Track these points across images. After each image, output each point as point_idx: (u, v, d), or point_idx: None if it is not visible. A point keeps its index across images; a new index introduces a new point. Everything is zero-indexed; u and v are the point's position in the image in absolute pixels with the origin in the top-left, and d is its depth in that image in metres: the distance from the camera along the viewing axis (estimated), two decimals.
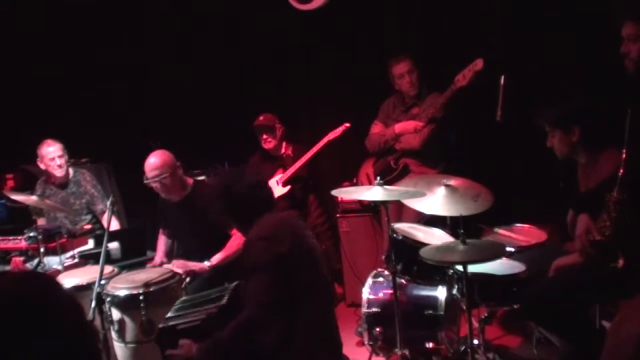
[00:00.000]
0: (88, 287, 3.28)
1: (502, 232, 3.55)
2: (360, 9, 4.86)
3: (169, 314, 2.83)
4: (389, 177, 4.24)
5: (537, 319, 3.14)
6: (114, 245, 3.91)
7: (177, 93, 5.41)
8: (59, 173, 4.57)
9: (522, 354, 3.61)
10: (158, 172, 3.61)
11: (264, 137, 4.80)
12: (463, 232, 2.78)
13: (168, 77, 5.41)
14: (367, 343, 3.49)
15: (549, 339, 3.36)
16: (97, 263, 3.48)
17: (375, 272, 3.68)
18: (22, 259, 4.07)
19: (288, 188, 4.72)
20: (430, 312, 3.35)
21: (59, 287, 1.33)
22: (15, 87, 5.46)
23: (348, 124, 4.61)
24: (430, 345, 3.38)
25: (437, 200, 3.33)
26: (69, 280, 3.41)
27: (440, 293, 3.38)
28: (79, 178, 4.70)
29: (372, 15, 4.87)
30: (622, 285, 2.57)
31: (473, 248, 2.77)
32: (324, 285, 2.75)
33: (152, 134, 4.69)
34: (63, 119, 5.30)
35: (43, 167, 4.59)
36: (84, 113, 5.52)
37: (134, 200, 4.96)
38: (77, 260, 3.94)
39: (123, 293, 3.19)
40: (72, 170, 4.70)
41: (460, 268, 2.91)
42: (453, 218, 3.40)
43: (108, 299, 3.17)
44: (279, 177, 4.75)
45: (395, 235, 3.33)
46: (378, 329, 3.43)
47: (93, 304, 2.98)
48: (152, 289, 3.19)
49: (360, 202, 4.51)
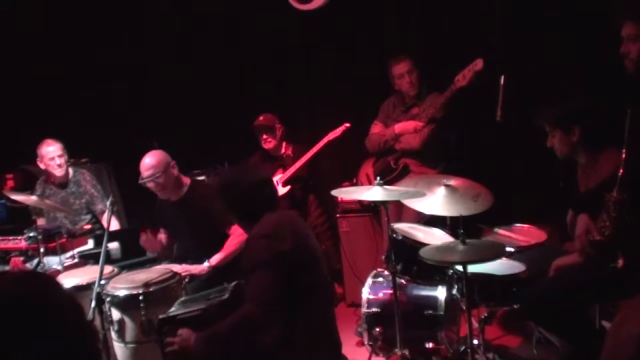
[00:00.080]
0: (88, 287, 3.28)
1: (502, 232, 3.55)
2: (360, 9, 4.86)
3: (170, 310, 2.83)
4: (389, 177, 4.24)
5: (537, 319, 3.14)
6: (114, 245, 3.92)
7: (177, 93, 5.41)
8: (59, 173, 4.57)
9: (522, 354, 3.61)
10: (152, 172, 3.62)
11: (264, 137, 4.80)
12: (463, 232, 2.79)
13: (168, 77, 5.41)
14: (366, 343, 3.49)
15: (549, 339, 3.36)
16: (97, 263, 3.47)
17: (375, 272, 3.68)
18: (22, 259, 4.06)
19: (288, 188, 4.72)
20: (430, 312, 3.35)
21: (59, 287, 1.33)
22: (15, 87, 5.46)
23: (348, 124, 4.61)
24: (430, 346, 3.38)
25: (437, 201, 3.33)
26: (69, 280, 3.41)
27: (440, 293, 3.38)
28: (79, 178, 4.69)
29: (372, 15, 4.87)
30: (622, 285, 2.57)
31: (473, 248, 2.77)
32: (324, 285, 2.75)
33: (147, 134, 4.68)
34: (63, 119, 5.30)
35: (43, 166, 4.58)
36: (84, 113, 5.52)
37: (134, 200, 4.96)
38: (77, 260, 3.94)
39: (123, 293, 3.19)
40: (72, 170, 4.70)
41: (460, 268, 2.91)
42: (453, 218, 3.40)
43: (108, 299, 3.17)
44: (279, 177, 4.75)
45: (395, 236, 3.33)
46: (378, 329, 3.43)
47: (93, 304, 2.99)
48: (151, 289, 3.19)
49: (360, 202, 4.50)
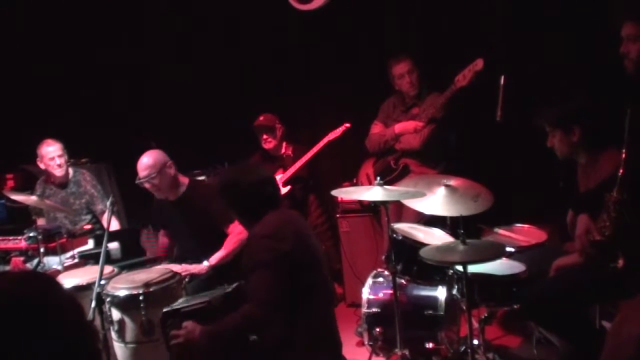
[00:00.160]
0: (88, 287, 3.28)
1: (502, 232, 3.55)
2: (360, 9, 4.86)
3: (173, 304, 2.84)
4: (389, 177, 4.24)
5: (537, 319, 3.14)
6: (114, 245, 3.92)
7: (177, 93, 5.40)
8: (59, 173, 4.56)
9: (522, 354, 3.61)
10: (147, 172, 3.62)
11: (264, 137, 4.80)
12: (463, 232, 2.78)
13: (168, 77, 5.40)
14: (367, 343, 3.49)
15: (549, 339, 3.36)
16: (97, 263, 3.47)
17: (375, 272, 3.68)
18: (22, 259, 4.06)
19: (288, 188, 4.72)
20: (430, 312, 3.35)
21: (59, 287, 1.32)
22: (15, 87, 5.46)
23: (348, 124, 4.61)
24: (430, 346, 3.38)
25: (437, 201, 3.33)
26: (69, 280, 3.41)
27: (440, 293, 3.38)
28: (79, 178, 4.69)
29: (372, 15, 4.87)
30: (622, 286, 2.57)
31: (473, 248, 2.77)
32: (325, 286, 2.75)
33: (146, 134, 4.68)
34: (63, 119, 5.30)
35: (43, 167, 4.58)
36: (84, 113, 5.52)
37: (134, 200, 4.96)
38: (77, 261, 3.93)
39: (123, 293, 3.19)
40: (72, 170, 4.70)
41: (460, 268, 2.91)
42: (453, 218, 3.40)
43: (108, 299, 3.17)
44: (279, 177, 4.74)
45: (395, 236, 3.33)
46: (378, 329, 3.43)
47: (93, 304, 2.99)
48: (152, 289, 3.19)
49: (360, 202, 4.50)
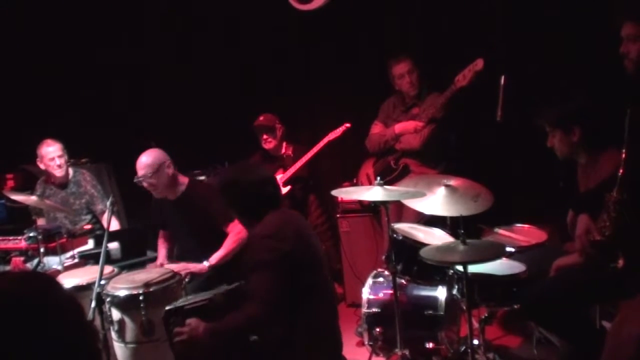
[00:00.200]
0: (88, 287, 3.28)
1: (502, 232, 3.55)
2: (360, 9, 4.86)
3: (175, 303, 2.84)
4: (389, 177, 4.24)
5: (537, 319, 3.14)
6: (114, 246, 3.91)
7: (177, 93, 5.40)
8: (59, 173, 4.56)
9: (522, 354, 3.61)
10: (144, 171, 3.63)
11: (264, 137, 4.80)
12: (463, 232, 2.78)
13: (168, 77, 5.40)
14: (367, 343, 3.49)
15: (549, 339, 3.36)
16: (97, 263, 3.47)
17: (376, 272, 3.68)
18: (22, 259, 4.06)
19: (288, 188, 4.72)
20: (431, 312, 3.35)
21: (59, 287, 1.32)
22: (15, 87, 5.46)
23: (348, 124, 4.61)
24: (430, 346, 3.38)
25: (437, 201, 3.33)
26: (69, 281, 3.41)
27: (441, 293, 3.38)
28: (79, 178, 4.69)
29: (372, 15, 4.87)
30: (622, 286, 2.57)
31: (473, 248, 2.77)
32: (325, 286, 2.75)
33: (146, 134, 4.68)
34: (63, 119, 5.30)
35: (43, 167, 4.58)
36: (84, 113, 5.52)
37: (134, 200, 4.96)
38: (77, 261, 3.93)
39: (123, 293, 3.19)
40: (72, 171, 4.70)
41: (461, 268, 2.91)
42: (453, 218, 3.40)
43: (108, 299, 3.17)
44: (279, 177, 4.75)
45: (396, 236, 3.33)
46: (378, 329, 3.43)
47: (93, 304, 2.99)
48: (152, 289, 3.19)
49: (361, 202, 4.50)
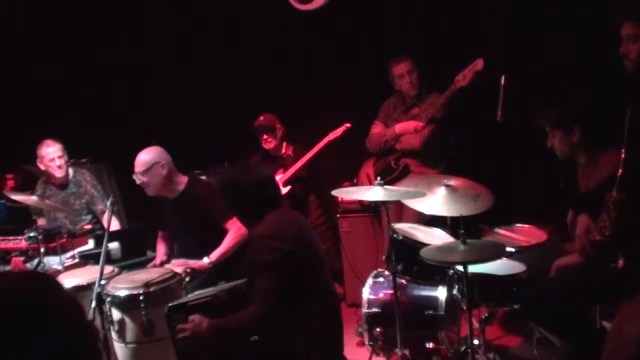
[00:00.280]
0: (88, 287, 3.29)
1: (502, 232, 3.55)
2: (360, 9, 4.85)
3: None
4: (389, 177, 4.24)
5: (537, 319, 3.14)
6: (114, 245, 3.92)
7: (177, 93, 5.40)
8: (59, 174, 4.56)
9: (522, 354, 3.61)
10: (136, 168, 3.65)
11: (265, 137, 4.80)
12: (463, 232, 2.78)
13: (168, 77, 5.40)
14: (367, 343, 3.49)
15: (550, 339, 3.36)
16: (97, 263, 3.47)
17: (376, 272, 3.67)
18: (22, 259, 4.07)
19: (288, 188, 4.72)
20: (431, 312, 3.35)
21: (59, 287, 1.32)
22: (15, 87, 5.46)
23: (348, 124, 4.61)
24: (431, 346, 3.37)
25: (437, 201, 3.33)
26: (69, 281, 3.41)
27: (441, 293, 3.38)
28: (79, 178, 4.69)
29: (372, 15, 4.86)
30: (622, 286, 2.57)
31: (473, 248, 2.77)
32: (326, 286, 2.75)
33: (146, 134, 4.68)
34: (63, 119, 5.30)
35: (43, 167, 4.58)
36: (84, 113, 5.52)
37: (134, 200, 4.95)
38: (77, 261, 3.93)
39: (123, 293, 3.19)
40: (72, 171, 4.70)
41: (461, 268, 2.91)
42: (453, 218, 3.40)
43: (108, 299, 3.18)
44: (280, 177, 4.75)
45: (396, 236, 3.33)
46: (378, 329, 3.43)
47: (93, 304, 3.00)
48: (152, 289, 3.19)
49: (361, 202, 4.50)
